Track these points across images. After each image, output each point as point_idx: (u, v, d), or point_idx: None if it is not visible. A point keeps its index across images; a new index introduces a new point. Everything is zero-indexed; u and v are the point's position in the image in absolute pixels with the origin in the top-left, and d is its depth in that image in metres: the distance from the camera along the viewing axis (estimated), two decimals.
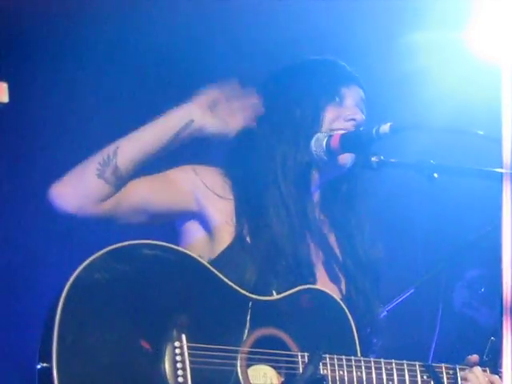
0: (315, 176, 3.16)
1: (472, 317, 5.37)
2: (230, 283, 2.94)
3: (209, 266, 2.95)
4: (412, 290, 3.65)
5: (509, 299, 2.46)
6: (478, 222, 3.68)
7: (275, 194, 3.08)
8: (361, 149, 2.96)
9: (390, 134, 2.91)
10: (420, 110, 4.78)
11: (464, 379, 3.06)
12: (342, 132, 3.06)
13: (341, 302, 3.07)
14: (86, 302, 2.75)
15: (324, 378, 2.77)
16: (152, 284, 2.84)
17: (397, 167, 2.94)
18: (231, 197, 3.09)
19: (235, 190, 3.10)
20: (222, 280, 2.93)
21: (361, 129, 3.07)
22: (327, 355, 2.91)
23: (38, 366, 2.68)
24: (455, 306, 5.40)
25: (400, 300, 3.65)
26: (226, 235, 3.05)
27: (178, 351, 2.78)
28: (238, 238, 3.04)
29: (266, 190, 3.08)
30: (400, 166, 2.94)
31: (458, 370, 3.09)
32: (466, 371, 3.07)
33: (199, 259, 2.95)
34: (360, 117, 3.16)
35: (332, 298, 3.08)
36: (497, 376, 3.07)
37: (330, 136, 3.06)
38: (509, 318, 2.42)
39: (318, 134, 3.09)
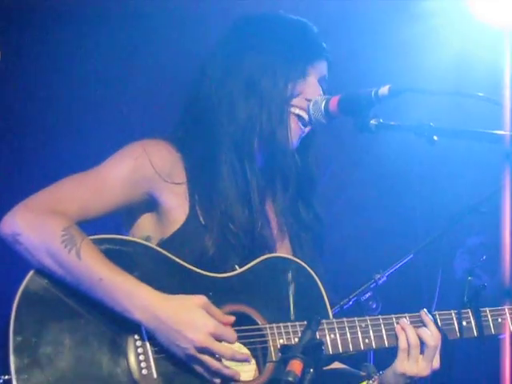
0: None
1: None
2: (187, 265, 2.89)
3: (162, 250, 2.89)
4: (411, 256, 3.63)
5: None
6: (478, 187, 3.66)
7: (220, 168, 3.02)
8: (360, 111, 2.92)
9: (388, 96, 2.87)
10: (423, 74, 4.76)
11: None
12: (340, 94, 3.01)
13: (306, 266, 3.02)
14: (39, 309, 2.73)
15: (322, 342, 2.74)
16: None
17: (396, 130, 2.90)
18: (182, 178, 3.01)
19: (187, 167, 3.02)
20: (178, 263, 2.88)
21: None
22: (296, 322, 2.87)
23: (0, 380, 2.67)
24: (456, 272, 5.39)
25: (399, 266, 3.63)
26: (178, 215, 2.98)
27: (138, 343, 2.76)
28: (192, 215, 2.97)
29: (214, 164, 3.03)
30: (399, 129, 2.90)
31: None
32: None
33: (151, 246, 2.90)
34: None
35: (297, 263, 3.03)
36: (425, 330, 3.00)
37: (329, 99, 3.02)
38: None
39: (317, 98, 3.05)
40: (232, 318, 2.82)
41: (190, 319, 2.75)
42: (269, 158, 3.10)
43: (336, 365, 3.12)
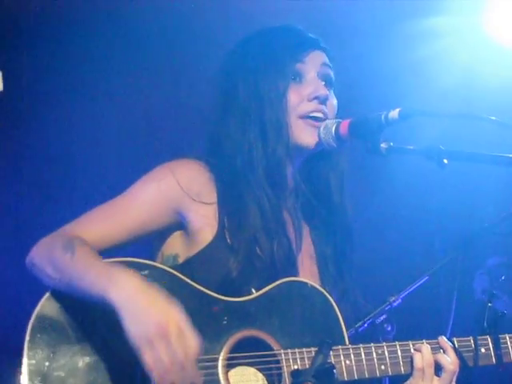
0: (289, 167, 3.09)
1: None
2: (203, 289, 2.87)
3: (179, 274, 2.87)
4: (426, 278, 3.61)
5: None
6: (492, 209, 3.65)
7: (250, 192, 3.02)
8: (370, 135, 2.92)
9: (399, 119, 2.87)
10: (435, 96, 4.75)
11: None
12: (350, 119, 3.02)
13: (324, 291, 3.00)
14: (52, 332, 2.73)
15: (333, 366, 2.74)
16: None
17: (406, 153, 2.90)
18: (214, 199, 3.01)
19: (218, 187, 3.02)
20: (193, 286, 2.87)
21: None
22: (312, 348, 2.84)
23: None
24: (475, 293, 5.35)
25: (414, 287, 3.61)
26: (206, 235, 2.97)
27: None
28: (220, 236, 2.97)
29: (242, 187, 3.02)
30: (409, 153, 2.90)
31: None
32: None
33: (168, 269, 2.89)
34: (323, 92, 3.09)
35: (313, 287, 3.00)
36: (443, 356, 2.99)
37: (339, 122, 3.03)
38: None
39: (327, 121, 3.06)
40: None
41: (168, 307, 2.65)
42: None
43: None
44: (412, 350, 2.99)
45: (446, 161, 2.79)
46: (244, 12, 4.56)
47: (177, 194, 2.96)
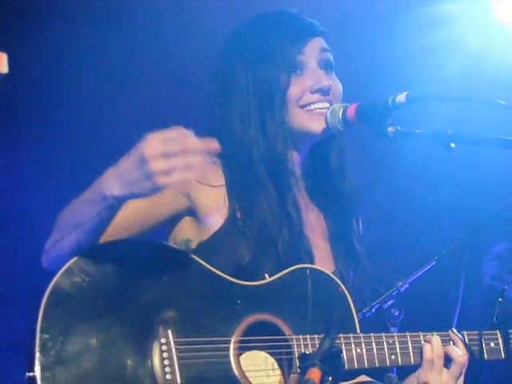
0: (293, 153, 3.10)
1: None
2: (217, 271, 2.88)
3: (193, 256, 2.88)
4: (433, 263, 3.61)
5: None
6: (501, 193, 3.64)
7: (256, 182, 3.02)
8: (377, 119, 2.91)
9: (406, 103, 2.86)
10: (445, 81, 4.74)
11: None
12: (357, 103, 3.01)
13: (337, 279, 3.01)
14: (67, 308, 2.72)
15: (340, 350, 2.74)
16: (134, 281, 2.77)
17: (413, 137, 2.89)
18: (221, 182, 3.00)
19: (225, 171, 3.02)
20: (209, 269, 2.87)
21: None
22: (323, 334, 2.81)
23: (26, 376, 2.66)
24: (484, 279, 5.35)
25: (421, 273, 3.61)
26: (217, 219, 2.98)
27: (164, 348, 2.73)
28: (231, 221, 2.97)
29: (248, 176, 3.02)
30: (416, 137, 2.89)
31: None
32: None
33: (182, 250, 2.90)
34: (326, 83, 3.06)
35: (327, 275, 3.01)
36: (454, 348, 3.00)
37: (346, 107, 3.02)
38: None
39: (334, 105, 3.05)
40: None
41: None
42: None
43: (362, 378, 3.09)
44: (422, 342, 2.99)
45: (453, 145, 2.79)
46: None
47: (190, 182, 2.93)
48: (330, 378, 2.63)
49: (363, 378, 3.09)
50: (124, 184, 2.60)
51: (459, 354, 2.99)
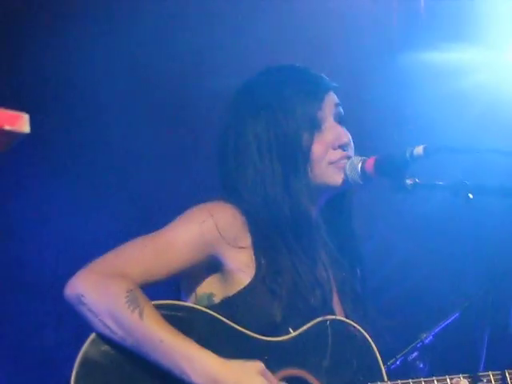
0: (314, 209, 3.09)
1: None
2: (241, 329, 2.87)
3: (217, 315, 2.87)
4: (457, 314, 3.60)
5: None
6: None
7: (283, 238, 3.00)
8: (395, 172, 2.92)
9: (424, 156, 2.87)
10: (466, 131, 4.75)
11: None
12: (376, 156, 3.02)
13: (360, 328, 2.99)
14: (98, 376, 2.73)
15: None
16: None
17: (431, 189, 2.90)
18: (247, 242, 2.98)
19: (252, 232, 3.00)
20: (233, 327, 2.86)
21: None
22: None
23: None
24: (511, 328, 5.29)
25: (446, 324, 3.60)
26: (243, 276, 2.96)
27: None
28: (258, 279, 2.94)
29: (275, 232, 3.01)
30: (434, 188, 2.90)
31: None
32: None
33: (206, 310, 2.88)
34: (346, 139, 3.07)
35: (350, 325, 2.99)
36: None
37: (365, 160, 3.03)
38: None
39: (353, 159, 3.06)
40: None
41: None
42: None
43: None
44: None
45: (471, 196, 2.79)
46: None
47: (215, 238, 2.95)
48: None
49: None
50: None
51: None
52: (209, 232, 2.94)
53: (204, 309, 2.90)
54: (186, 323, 2.83)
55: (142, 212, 4.86)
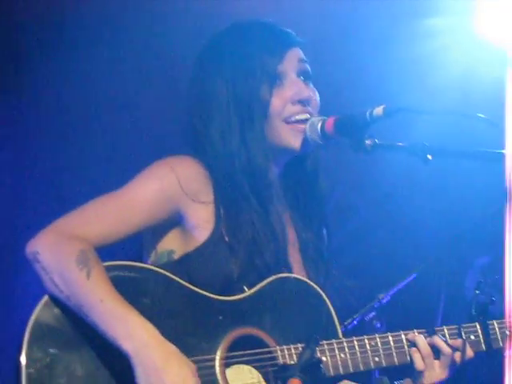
0: (272, 168, 3.09)
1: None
2: (196, 289, 2.87)
3: (173, 276, 2.87)
4: (414, 276, 3.64)
5: None
6: (481, 206, 3.67)
7: (241, 192, 3.02)
8: (355, 132, 2.93)
9: (383, 116, 2.87)
10: (427, 94, 4.78)
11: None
12: (336, 116, 3.03)
13: (315, 286, 3.01)
14: (50, 340, 2.72)
15: (320, 361, 2.76)
16: None
17: (391, 150, 2.91)
18: (209, 197, 2.99)
19: (215, 187, 3.01)
20: (188, 287, 2.87)
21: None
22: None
23: None
24: (467, 293, 5.35)
25: (403, 285, 3.64)
26: (202, 232, 2.97)
27: None
28: (217, 234, 2.96)
29: (234, 187, 3.02)
30: (394, 149, 2.91)
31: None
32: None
33: (161, 271, 2.87)
34: (306, 94, 3.08)
35: (305, 282, 3.01)
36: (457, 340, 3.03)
37: (325, 120, 3.04)
38: None
39: (313, 119, 3.06)
40: None
41: (177, 368, 2.70)
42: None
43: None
44: (404, 341, 2.99)
45: (430, 157, 2.81)
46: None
47: (177, 193, 2.95)
48: None
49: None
50: (143, 368, 2.67)
51: (445, 344, 3.00)
52: (170, 187, 2.94)
53: (159, 269, 2.89)
54: (140, 284, 2.83)
55: None
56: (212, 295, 2.89)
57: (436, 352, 3.00)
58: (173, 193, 2.94)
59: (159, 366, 2.68)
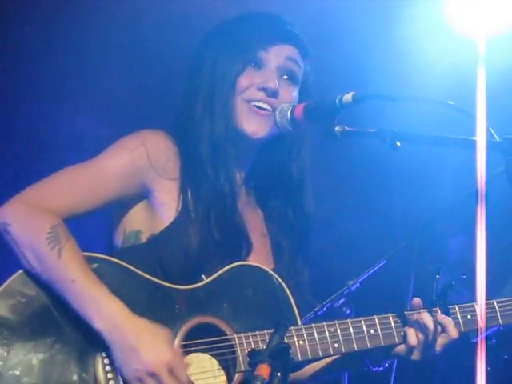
0: (237, 150, 3.11)
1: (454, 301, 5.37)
2: (153, 278, 2.89)
3: (128, 265, 2.89)
4: (384, 262, 3.65)
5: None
6: (452, 190, 3.69)
7: (203, 168, 3.04)
8: (325, 118, 2.95)
9: (353, 102, 2.89)
10: (398, 81, 4.80)
11: (410, 325, 3.03)
12: (305, 102, 3.05)
13: (273, 274, 3.02)
14: (4, 330, 2.74)
15: (289, 346, 2.76)
16: None
17: (360, 136, 2.93)
18: (176, 174, 3.02)
19: (181, 161, 3.03)
20: (144, 277, 2.88)
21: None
22: (265, 331, 2.87)
23: None
24: (435, 292, 5.37)
25: (372, 271, 3.65)
26: (169, 211, 2.99)
27: (106, 361, 2.76)
28: (183, 213, 2.98)
29: (196, 162, 3.04)
30: (363, 135, 2.92)
31: (405, 316, 3.05)
32: (414, 316, 3.04)
33: (116, 261, 2.89)
34: (273, 85, 3.08)
35: (263, 270, 3.02)
36: (444, 315, 3.05)
37: (294, 106, 3.06)
38: None
39: (283, 105, 3.08)
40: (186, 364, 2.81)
41: (151, 343, 2.74)
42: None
43: None
44: (364, 328, 3.00)
45: (398, 143, 2.82)
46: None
47: (145, 167, 2.97)
48: (279, 374, 2.64)
49: None
50: (119, 348, 2.72)
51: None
52: (139, 160, 2.96)
53: (114, 259, 2.90)
54: (99, 275, 2.83)
55: None
56: (169, 284, 2.90)
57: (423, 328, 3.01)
58: (141, 166, 2.96)
59: (133, 344, 2.73)
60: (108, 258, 2.90)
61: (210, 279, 2.95)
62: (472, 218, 2.60)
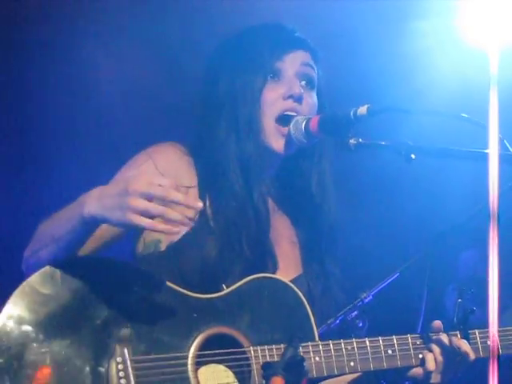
0: (265, 163, 3.14)
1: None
2: (173, 286, 2.88)
3: (146, 271, 2.90)
4: (397, 275, 3.64)
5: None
6: (465, 204, 3.68)
7: (227, 175, 3.06)
8: (339, 131, 2.96)
9: (367, 116, 2.91)
10: (412, 95, 4.80)
11: (429, 349, 3.04)
12: (320, 115, 3.06)
13: (294, 287, 3.01)
14: (21, 331, 2.73)
15: (303, 359, 2.76)
16: (89, 300, 2.78)
17: (374, 149, 2.94)
18: (193, 181, 3.03)
19: (198, 171, 3.05)
20: (164, 283, 2.87)
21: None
22: (281, 344, 2.85)
23: None
24: (447, 308, 5.36)
25: (385, 284, 3.64)
26: None
27: (120, 367, 2.73)
28: (201, 221, 2.98)
29: (220, 171, 3.06)
30: (377, 148, 2.94)
31: (424, 337, 3.06)
32: (434, 338, 3.05)
33: (136, 266, 2.91)
34: (297, 90, 3.11)
35: (284, 284, 3.01)
36: (463, 340, 3.05)
37: (309, 119, 3.07)
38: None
39: (297, 118, 3.09)
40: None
41: (112, 197, 2.67)
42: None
43: None
44: (381, 347, 3.01)
45: (413, 156, 2.83)
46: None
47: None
48: None
49: None
50: (101, 206, 2.64)
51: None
52: (148, 171, 2.97)
53: (135, 265, 2.94)
54: (116, 278, 2.83)
55: None
56: (189, 292, 2.89)
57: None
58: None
59: (110, 187, 2.71)
60: (130, 263, 2.96)
61: (229, 290, 2.94)
62: (484, 232, 2.59)
